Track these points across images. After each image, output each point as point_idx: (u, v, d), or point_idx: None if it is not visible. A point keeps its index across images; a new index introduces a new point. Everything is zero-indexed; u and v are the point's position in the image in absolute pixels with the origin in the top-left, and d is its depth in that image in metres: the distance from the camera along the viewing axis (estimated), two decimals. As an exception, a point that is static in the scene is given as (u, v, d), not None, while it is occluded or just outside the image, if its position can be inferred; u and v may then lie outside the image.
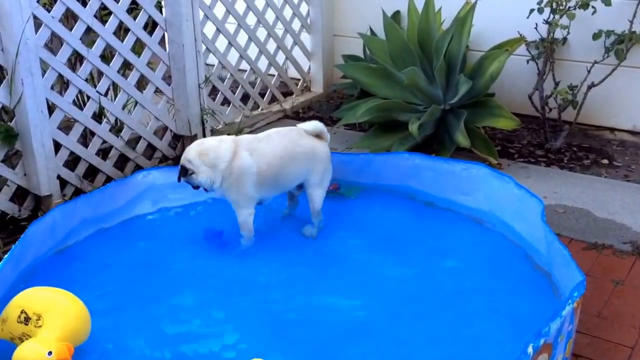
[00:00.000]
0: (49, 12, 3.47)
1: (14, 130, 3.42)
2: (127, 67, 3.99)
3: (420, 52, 4.32)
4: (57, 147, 3.59)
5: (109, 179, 3.86)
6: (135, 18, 3.92)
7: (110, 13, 3.78)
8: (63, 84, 3.82)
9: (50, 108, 3.55)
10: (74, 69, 3.77)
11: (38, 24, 3.41)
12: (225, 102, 4.80)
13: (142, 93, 4.04)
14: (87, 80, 3.75)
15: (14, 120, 3.42)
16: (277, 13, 5.00)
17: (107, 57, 3.89)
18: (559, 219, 3.51)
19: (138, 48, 4.02)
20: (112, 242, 3.28)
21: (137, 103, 4.03)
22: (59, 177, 3.61)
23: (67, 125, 3.72)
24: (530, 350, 2.07)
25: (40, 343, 2.27)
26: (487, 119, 4.22)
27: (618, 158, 4.32)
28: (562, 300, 2.40)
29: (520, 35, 4.36)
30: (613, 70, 4.19)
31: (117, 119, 3.97)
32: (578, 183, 3.94)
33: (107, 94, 3.89)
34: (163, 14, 4.04)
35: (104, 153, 3.92)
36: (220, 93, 4.72)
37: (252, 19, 4.82)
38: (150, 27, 4.04)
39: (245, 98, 4.94)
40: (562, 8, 4.13)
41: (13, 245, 2.81)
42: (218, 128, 4.60)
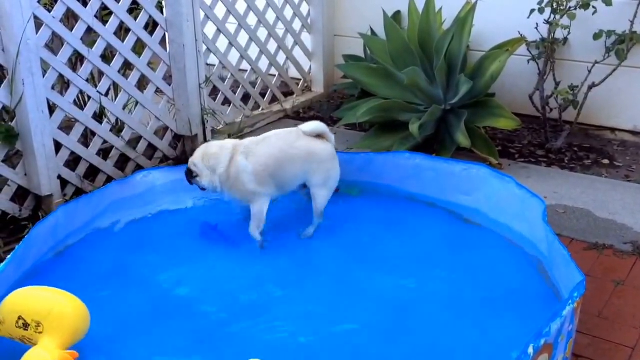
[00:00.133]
0: (50, 12, 3.47)
1: (15, 130, 3.42)
2: (127, 67, 3.99)
3: (421, 52, 4.32)
4: (57, 147, 3.59)
5: (110, 179, 3.86)
6: (136, 18, 3.92)
7: (111, 13, 3.78)
8: (64, 84, 3.82)
9: (51, 108, 3.55)
10: (75, 69, 3.77)
11: (39, 24, 3.41)
12: (226, 102, 4.80)
13: (142, 93, 4.04)
14: (87, 81, 3.75)
15: (15, 121, 3.43)
16: (277, 13, 5.00)
17: (107, 57, 3.88)
18: (560, 219, 3.51)
19: (139, 48, 4.02)
20: (112, 241, 3.28)
21: (137, 103, 4.03)
22: (60, 177, 3.61)
23: (67, 125, 3.72)
24: (531, 351, 2.07)
25: (46, 351, 2.28)
26: (487, 119, 4.22)
27: (619, 158, 4.32)
28: (562, 301, 2.40)
29: (521, 36, 4.36)
30: (614, 71, 4.19)
31: (117, 119, 3.97)
32: (579, 183, 3.94)
33: (107, 94, 3.89)
34: (164, 14, 4.04)
35: (105, 153, 3.92)
36: (221, 93, 4.72)
37: (252, 19, 4.82)
38: (151, 27, 4.04)
39: (246, 98, 4.94)
40: (562, 8, 4.13)
41: (17, 246, 2.81)
42: (219, 128, 4.60)
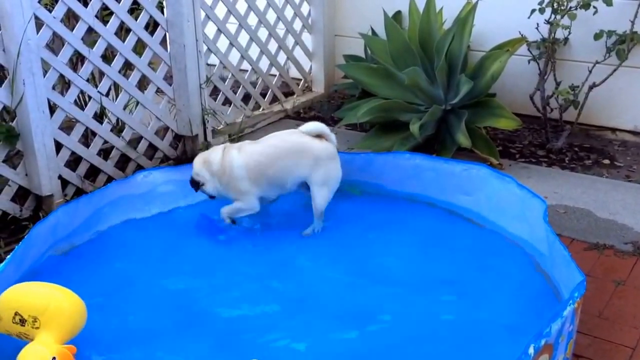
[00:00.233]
0: (51, 12, 3.47)
1: (15, 131, 3.42)
2: (128, 67, 3.99)
3: (422, 52, 4.32)
4: (58, 147, 3.59)
5: (110, 179, 3.86)
6: (137, 18, 3.92)
7: (112, 13, 3.78)
8: (64, 84, 3.82)
9: (52, 108, 3.55)
10: (75, 69, 3.77)
11: (39, 24, 3.41)
12: (227, 102, 4.80)
13: (143, 93, 4.04)
14: (88, 81, 3.75)
15: (15, 121, 3.43)
16: (278, 13, 5.00)
17: (108, 57, 3.88)
18: (560, 219, 3.50)
19: (139, 48, 4.02)
20: (112, 241, 3.28)
21: (138, 103, 4.03)
22: (60, 177, 3.61)
23: (68, 126, 3.72)
24: (532, 351, 2.07)
25: (44, 346, 2.28)
26: (488, 119, 4.22)
27: (619, 158, 4.32)
28: (562, 301, 2.40)
29: (522, 36, 4.36)
30: (614, 71, 4.19)
31: (118, 119, 3.97)
32: (579, 183, 3.94)
33: (108, 94, 3.89)
34: (164, 14, 4.04)
35: (105, 153, 3.92)
36: (222, 93, 4.72)
37: (253, 19, 4.82)
38: (152, 27, 4.04)
39: (247, 98, 4.94)
40: (563, 8, 4.12)
41: (16, 246, 2.81)
42: (219, 128, 4.60)
